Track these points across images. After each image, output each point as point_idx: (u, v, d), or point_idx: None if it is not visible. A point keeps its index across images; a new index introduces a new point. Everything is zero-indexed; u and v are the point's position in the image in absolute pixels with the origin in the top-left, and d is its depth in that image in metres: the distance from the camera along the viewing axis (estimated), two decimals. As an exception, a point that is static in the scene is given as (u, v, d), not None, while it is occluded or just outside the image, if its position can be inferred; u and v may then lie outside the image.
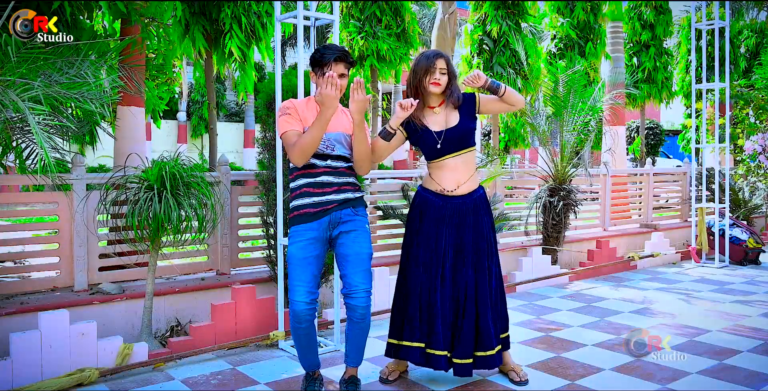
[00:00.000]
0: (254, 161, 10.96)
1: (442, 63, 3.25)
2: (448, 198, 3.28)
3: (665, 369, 3.57)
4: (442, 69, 3.24)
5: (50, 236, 4.77)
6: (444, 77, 3.25)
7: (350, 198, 3.09)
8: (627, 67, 12.58)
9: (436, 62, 3.24)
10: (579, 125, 6.21)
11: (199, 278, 4.51)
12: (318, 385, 3.15)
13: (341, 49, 3.04)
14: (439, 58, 3.25)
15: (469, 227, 3.28)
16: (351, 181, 3.13)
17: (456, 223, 3.28)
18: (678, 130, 19.92)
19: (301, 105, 3.08)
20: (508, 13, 10.23)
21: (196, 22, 6.69)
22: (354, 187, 3.14)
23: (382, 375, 3.43)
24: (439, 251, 3.27)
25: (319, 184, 3.03)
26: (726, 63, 7.74)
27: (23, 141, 3.64)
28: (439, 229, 3.29)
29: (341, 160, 3.09)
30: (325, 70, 2.97)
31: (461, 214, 3.28)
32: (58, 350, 3.24)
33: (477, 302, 3.26)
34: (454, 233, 3.28)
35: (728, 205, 7.38)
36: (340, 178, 3.07)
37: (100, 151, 4.59)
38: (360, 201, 3.16)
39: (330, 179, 3.04)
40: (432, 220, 3.30)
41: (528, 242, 6.30)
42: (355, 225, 3.06)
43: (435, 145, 3.26)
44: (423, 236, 3.31)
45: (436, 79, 3.23)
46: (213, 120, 7.96)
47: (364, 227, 3.11)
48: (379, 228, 5.53)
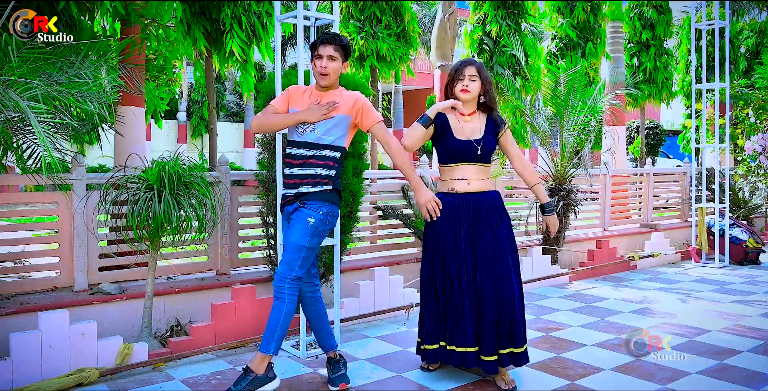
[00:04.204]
0: (254, 161, 10.96)
1: (471, 70, 3.26)
2: (460, 195, 3.30)
3: (665, 369, 3.57)
4: (471, 76, 3.26)
5: (50, 236, 4.77)
6: (474, 84, 3.27)
7: (302, 192, 3.15)
8: (627, 67, 12.57)
9: (465, 70, 3.26)
10: (579, 125, 6.21)
11: (199, 278, 4.51)
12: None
13: (333, 35, 3.17)
14: (468, 66, 3.28)
15: (485, 224, 3.27)
16: (314, 174, 3.15)
17: (472, 220, 3.27)
18: (678, 130, 19.90)
19: (298, 92, 3.28)
20: (508, 13, 10.22)
21: (197, 22, 6.68)
22: (316, 179, 3.15)
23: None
24: (459, 249, 3.25)
25: (286, 175, 3.26)
26: (726, 63, 7.75)
27: (23, 141, 3.64)
28: (456, 227, 3.28)
29: (314, 149, 3.15)
30: (314, 53, 3.17)
31: (476, 211, 3.27)
32: (58, 350, 3.24)
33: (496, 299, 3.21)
34: (470, 230, 3.27)
35: (728, 205, 7.38)
36: (301, 170, 3.16)
37: (102, 151, 4.60)
38: (316, 195, 3.14)
39: (293, 171, 3.20)
40: (448, 219, 3.29)
41: (528, 242, 6.30)
42: (295, 215, 3.16)
43: (454, 152, 3.30)
44: (440, 235, 3.31)
45: (465, 86, 3.25)
46: (213, 120, 7.96)
47: (302, 219, 3.11)
48: (379, 228, 5.53)
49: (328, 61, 3.13)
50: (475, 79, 3.26)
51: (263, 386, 3.07)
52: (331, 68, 3.13)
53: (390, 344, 4.00)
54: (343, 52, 3.17)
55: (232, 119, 23.19)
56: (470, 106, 3.34)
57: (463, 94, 3.27)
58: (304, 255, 3.10)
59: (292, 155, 3.21)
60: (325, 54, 3.12)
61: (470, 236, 3.27)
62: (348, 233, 4.47)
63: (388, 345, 3.99)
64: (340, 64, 3.17)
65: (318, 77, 3.18)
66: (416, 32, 10.62)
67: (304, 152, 3.16)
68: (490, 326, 3.20)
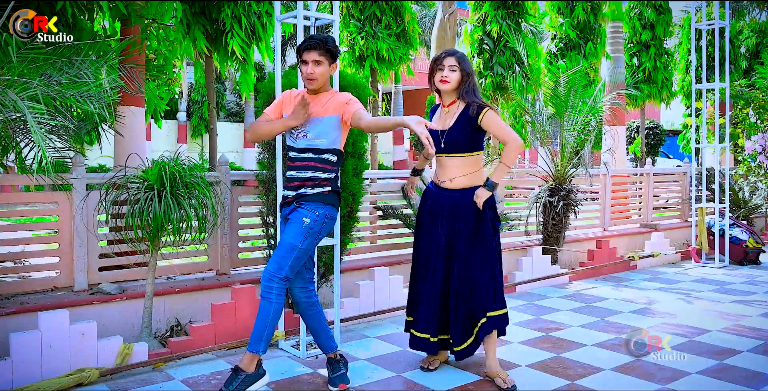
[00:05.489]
0: (254, 161, 10.96)
1: (451, 60, 3.28)
2: (443, 190, 3.37)
3: (665, 369, 3.57)
4: (451, 66, 3.28)
5: (50, 235, 4.76)
6: (453, 74, 3.28)
7: (302, 194, 3.17)
8: (627, 67, 12.58)
9: (445, 60, 3.28)
10: (579, 125, 6.21)
11: (199, 278, 4.51)
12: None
13: (317, 38, 3.12)
14: (448, 56, 3.30)
15: (463, 220, 3.30)
16: (313, 177, 3.16)
17: (449, 215, 3.32)
18: (678, 130, 19.91)
19: (290, 97, 3.30)
20: (508, 13, 10.23)
21: (197, 22, 6.69)
22: (315, 182, 3.16)
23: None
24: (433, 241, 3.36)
25: (287, 178, 3.29)
26: (726, 63, 7.74)
27: (23, 141, 3.64)
28: (434, 220, 3.38)
29: (309, 152, 3.17)
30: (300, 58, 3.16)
31: (455, 206, 3.32)
32: (58, 350, 3.24)
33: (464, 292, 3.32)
34: (447, 224, 3.33)
35: (728, 205, 7.38)
36: (300, 173, 3.18)
37: (102, 151, 4.60)
38: (314, 196, 3.16)
39: (292, 174, 3.23)
40: (428, 210, 3.42)
41: (528, 242, 6.29)
42: (292, 215, 3.17)
43: (438, 143, 3.34)
44: (421, 228, 3.47)
45: (444, 77, 3.27)
46: (213, 120, 7.96)
47: (298, 219, 3.12)
48: (379, 228, 5.52)
49: (314, 66, 3.10)
50: (455, 70, 3.28)
51: (255, 383, 3.09)
52: (318, 73, 3.11)
53: (390, 344, 4.00)
54: (330, 55, 3.12)
55: (232, 119, 23.18)
56: (450, 96, 3.36)
57: (442, 85, 3.29)
58: (295, 255, 3.08)
59: (290, 158, 3.27)
60: (310, 59, 3.10)
61: (448, 227, 3.34)
62: (348, 233, 4.46)
63: (388, 345, 3.99)
64: (327, 68, 3.14)
65: (306, 82, 3.17)
66: (416, 32, 10.63)
67: (300, 156, 3.19)
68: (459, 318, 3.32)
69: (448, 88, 3.29)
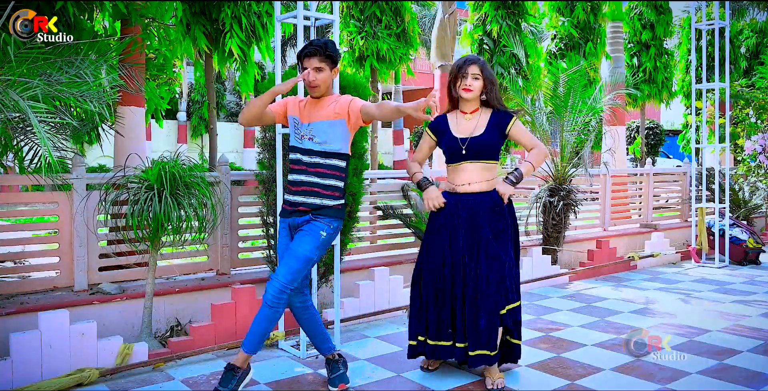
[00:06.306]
0: (254, 161, 10.96)
1: (474, 68, 3.24)
2: (460, 195, 3.30)
3: (665, 369, 3.57)
4: (474, 74, 3.24)
5: (50, 235, 4.77)
6: (477, 83, 3.25)
7: (315, 206, 3.09)
8: (627, 67, 12.57)
9: (468, 68, 3.23)
10: (579, 125, 6.21)
11: (199, 278, 4.51)
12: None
13: (316, 44, 3.08)
14: (472, 64, 3.25)
15: (484, 221, 3.24)
16: (321, 183, 3.10)
17: (468, 221, 3.25)
18: (678, 130, 19.89)
19: (295, 102, 3.27)
20: (508, 13, 10.22)
21: (197, 22, 6.69)
22: (326, 190, 3.10)
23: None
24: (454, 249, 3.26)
25: (291, 181, 3.20)
26: (726, 63, 7.74)
27: (23, 141, 3.63)
28: (455, 227, 3.28)
29: (316, 156, 3.11)
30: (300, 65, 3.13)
31: (473, 211, 3.25)
32: (58, 350, 3.24)
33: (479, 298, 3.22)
34: (467, 231, 3.25)
35: (728, 205, 7.38)
36: (308, 177, 3.11)
37: (102, 151, 4.60)
38: (327, 211, 3.10)
39: (300, 178, 3.14)
40: (446, 217, 3.31)
41: (528, 242, 6.29)
42: (307, 227, 3.11)
43: (458, 151, 3.29)
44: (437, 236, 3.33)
45: (468, 85, 3.23)
46: (213, 120, 7.95)
47: (315, 231, 3.08)
48: (379, 228, 5.53)
49: (315, 73, 3.07)
50: (478, 78, 3.24)
51: (245, 379, 3.15)
52: (320, 80, 3.08)
53: (390, 344, 4.01)
54: (330, 61, 3.09)
55: (232, 119, 23.15)
56: (472, 104, 3.33)
57: (465, 93, 3.25)
58: (309, 267, 3.10)
59: (295, 161, 3.18)
60: (311, 67, 3.06)
61: (468, 234, 3.25)
62: (348, 233, 4.46)
63: (388, 345, 3.99)
64: (328, 73, 3.10)
65: (308, 89, 3.14)
66: (416, 32, 10.62)
67: (307, 159, 3.12)
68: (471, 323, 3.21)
69: (470, 96, 3.26)
